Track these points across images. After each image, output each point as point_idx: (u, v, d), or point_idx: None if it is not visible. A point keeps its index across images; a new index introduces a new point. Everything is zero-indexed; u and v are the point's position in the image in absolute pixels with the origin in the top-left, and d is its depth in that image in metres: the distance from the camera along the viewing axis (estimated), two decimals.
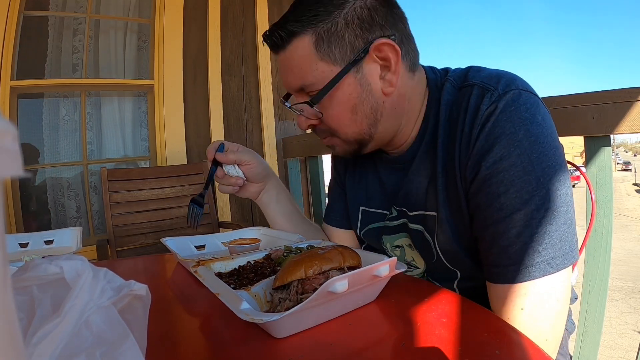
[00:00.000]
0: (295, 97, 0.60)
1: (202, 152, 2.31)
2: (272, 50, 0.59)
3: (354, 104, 0.56)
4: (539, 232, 0.47)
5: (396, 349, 0.37)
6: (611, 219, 0.93)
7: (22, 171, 0.12)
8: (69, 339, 0.26)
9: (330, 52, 0.53)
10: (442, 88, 0.58)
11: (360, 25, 0.53)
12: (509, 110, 0.49)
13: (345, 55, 0.54)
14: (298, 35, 0.54)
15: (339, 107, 0.56)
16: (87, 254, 1.84)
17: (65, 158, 2.17)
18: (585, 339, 0.98)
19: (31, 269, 0.29)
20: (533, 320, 0.48)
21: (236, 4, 2.42)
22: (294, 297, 0.43)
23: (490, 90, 0.51)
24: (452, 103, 0.56)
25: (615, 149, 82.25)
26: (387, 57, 0.54)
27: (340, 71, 0.54)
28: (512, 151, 0.48)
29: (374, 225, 0.71)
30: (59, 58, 2.12)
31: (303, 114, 0.61)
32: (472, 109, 0.52)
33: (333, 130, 0.60)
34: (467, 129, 0.51)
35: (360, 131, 0.58)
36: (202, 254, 0.79)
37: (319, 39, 0.53)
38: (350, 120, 0.57)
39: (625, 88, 0.87)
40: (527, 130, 0.48)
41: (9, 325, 0.13)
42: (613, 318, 5.17)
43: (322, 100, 0.56)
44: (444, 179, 0.56)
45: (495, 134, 0.49)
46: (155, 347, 0.36)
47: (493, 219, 0.49)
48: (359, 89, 0.55)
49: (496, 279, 0.50)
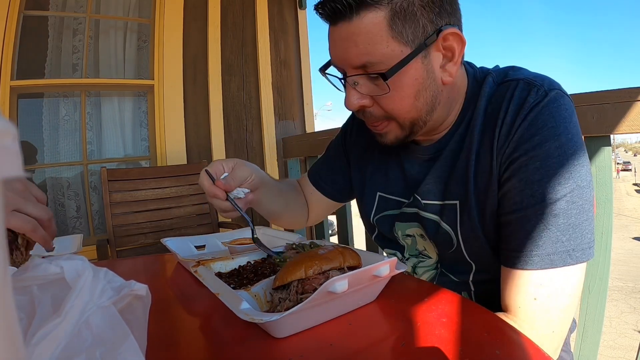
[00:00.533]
0: (350, 72, 0.56)
1: (202, 152, 2.31)
2: (328, 18, 0.53)
3: (418, 89, 0.54)
4: (565, 223, 0.49)
5: (396, 349, 0.37)
6: (611, 219, 0.93)
7: (22, 171, 0.12)
8: (69, 339, 0.26)
9: (405, 31, 0.51)
10: (483, 82, 0.59)
11: (432, 9, 0.51)
12: (552, 106, 0.51)
13: (417, 37, 0.52)
14: (372, 7, 0.50)
15: (403, 90, 0.54)
16: (87, 254, 1.83)
17: (65, 158, 2.17)
18: (585, 339, 0.98)
19: (31, 269, 0.29)
20: (544, 312, 0.49)
21: (236, 4, 2.42)
22: (294, 297, 0.43)
23: (536, 86, 0.53)
24: (491, 96, 0.58)
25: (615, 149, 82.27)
26: (452, 47, 0.54)
27: (411, 52, 0.52)
28: (552, 143, 0.50)
29: (389, 212, 0.71)
30: (59, 58, 2.12)
31: (358, 88, 0.56)
32: (517, 99, 0.53)
33: (390, 114, 0.57)
34: (510, 117, 0.53)
35: (419, 117, 0.57)
36: (202, 254, 0.79)
37: (394, 15, 0.50)
38: (412, 105, 0.56)
39: (625, 88, 0.87)
40: (566, 127, 0.50)
41: (9, 325, 0.13)
42: (613, 318, 5.17)
43: (391, 80, 0.53)
44: (476, 167, 0.57)
45: (538, 124, 0.51)
46: (155, 347, 0.36)
47: (524, 204, 0.51)
48: (424, 75, 0.54)
49: (515, 263, 0.51)
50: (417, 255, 0.69)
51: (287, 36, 2.60)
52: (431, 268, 0.68)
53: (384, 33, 0.50)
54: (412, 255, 0.70)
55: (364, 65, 0.53)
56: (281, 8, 2.59)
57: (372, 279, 0.44)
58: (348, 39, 0.52)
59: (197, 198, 2.06)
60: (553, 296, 0.49)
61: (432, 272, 0.68)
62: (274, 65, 2.52)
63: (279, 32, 2.57)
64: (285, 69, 2.58)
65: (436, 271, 0.67)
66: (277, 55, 2.55)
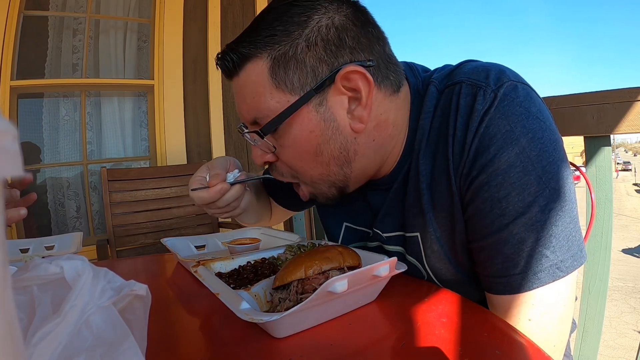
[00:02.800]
0: (249, 129, 0.52)
1: (202, 152, 2.31)
2: (225, 76, 0.51)
3: (317, 143, 0.48)
4: (545, 235, 0.43)
5: (396, 349, 0.37)
6: (611, 219, 0.93)
7: (22, 171, 0.12)
8: (69, 339, 0.26)
9: (287, 79, 0.46)
10: (424, 94, 0.52)
11: (324, 48, 0.45)
12: (503, 107, 0.44)
13: (306, 83, 0.46)
14: (251, 58, 0.47)
15: (299, 144, 0.48)
16: (87, 254, 1.83)
17: (65, 158, 2.17)
18: (585, 339, 0.98)
19: (31, 269, 0.29)
20: (541, 330, 0.45)
21: (236, 4, 2.42)
22: (294, 297, 0.44)
23: (481, 86, 0.46)
24: (435, 108, 0.51)
25: (615, 149, 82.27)
26: (357, 88, 0.47)
27: (298, 99, 0.46)
28: (510, 151, 0.43)
29: (356, 244, 0.67)
30: (59, 58, 2.13)
31: (258, 145, 0.52)
32: (464, 109, 0.46)
33: (294, 172, 0.52)
34: (460, 133, 0.46)
35: (329, 173, 0.51)
36: (202, 254, 0.79)
37: (274, 63, 0.46)
38: (315, 162, 0.50)
39: (625, 88, 0.87)
40: (524, 126, 0.44)
41: (9, 325, 0.13)
42: (613, 318, 5.17)
43: (280, 135, 0.48)
44: (430, 196, 0.51)
45: (490, 133, 0.44)
46: (155, 347, 0.36)
47: (495, 227, 0.45)
48: (322, 125, 0.47)
49: (501, 289, 0.47)
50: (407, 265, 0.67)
51: None
52: None
53: (266, 83, 0.47)
54: None
55: (255, 120, 0.49)
56: None
57: (372, 279, 0.44)
58: (238, 93, 0.50)
59: None
60: (548, 313, 0.45)
61: None
62: None
63: None
64: None
65: None
66: None
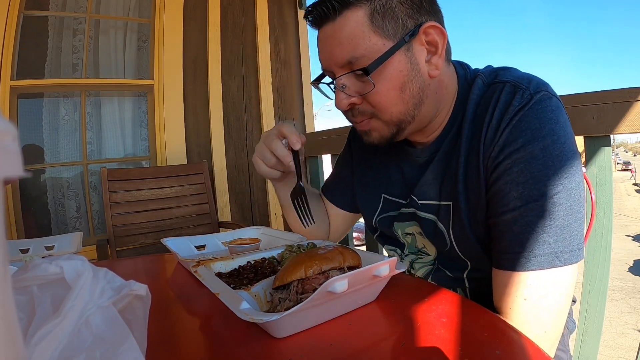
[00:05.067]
0: (337, 73, 0.58)
1: (202, 152, 2.31)
2: (316, 22, 0.57)
3: (403, 82, 0.56)
4: (551, 224, 0.49)
5: (396, 349, 0.37)
6: (611, 219, 0.93)
7: (22, 171, 0.12)
8: (69, 339, 0.26)
9: (385, 26, 0.54)
10: (472, 83, 0.60)
11: (411, 6, 0.55)
12: (537, 108, 0.51)
13: (397, 32, 0.54)
14: (351, 7, 0.53)
15: (388, 83, 0.56)
16: (87, 254, 1.83)
17: (65, 158, 2.17)
18: (585, 339, 0.98)
19: (31, 269, 0.29)
20: (535, 311, 0.49)
21: (236, 4, 2.42)
22: (294, 297, 0.44)
23: (522, 88, 0.53)
24: (480, 98, 0.59)
25: (615, 149, 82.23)
26: (434, 41, 0.56)
27: (393, 45, 0.54)
28: (536, 145, 0.50)
29: (390, 213, 0.72)
30: (59, 58, 2.12)
31: (345, 90, 0.58)
32: (503, 103, 0.54)
33: (377, 109, 0.58)
34: (495, 121, 0.54)
35: (406, 111, 0.58)
36: (202, 254, 0.79)
37: (374, 11, 0.53)
38: (398, 98, 0.57)
39: (625, 88, 0.87)
40: (552, 129, 0.50)
41: (9, 325, 0.13)
42: (613, 318, 5.17)
43: (376, 74, 0.55)
44: (465, 169, 0.58)
45: (522, 127, 0.51)
46: (155, 347, 0.36)
47: (510, 206, 0.51)
48: (408, 67, 0.56)
49: (504, 264, 0.52)
50: (416, 252, 0.71)
51: (287, 36, 2.60)
52: (428, 264, 0.70)
53: (365, 28, 0.53)
54: (411, 252, 0.72)
55: (349, 61, 0.55)
56: (281, 8, 2.59)
57: (372, 279, 0.44)
58: (333, 37, 0.55)
59: (197, 198, 2.06)
60: (543, 297, 0.49)
61: (428, 267, 0.70)
62: (274, 65, 2.51)
63: (279, 32, 2.57)
64: (285, 69, 2.58)
65: (432, 267, 0.69)
66: (277, 55, 2.55)
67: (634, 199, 23.21)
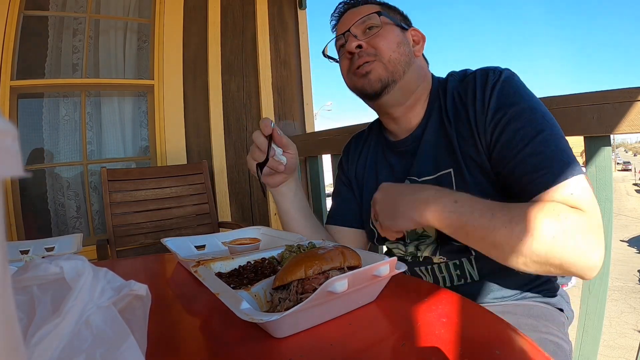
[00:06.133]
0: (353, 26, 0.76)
1: (202, 152, 2.31)
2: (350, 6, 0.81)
3: (399, 41, 0.76)
4: (556, 149, 0.59)
5: (396, 349, 0.37)
6: (611, 219, 0.93)
7: (22, 171, 0.12)
8: (69, 339, 0.26)
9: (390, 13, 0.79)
10: (446, 81, 0.76)
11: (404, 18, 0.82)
12: (508, 80, 0.67)
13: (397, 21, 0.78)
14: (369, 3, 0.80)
15: (390, 34, 0.75)
16: (87, 254, 1.83)
17: (65, 158, 2.17)
18: (585, 339, 0.98)
19: (31, 269, 0.29)
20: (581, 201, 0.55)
21: (236, 4, 2.42)
22: (294, 297, 0.43)
23: (491, 70, 0.69)
24: (456, 89, 0.73)
25: (615, 149, 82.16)
26: (418, 38, 0.80)
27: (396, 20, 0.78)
28: (520, 103, 0.63)
29: None
30: (59, 58, 2.12)
31: (357, 37, 0.76)
32: (480, 82, 0.68)
33: (379, 50, 0.74)
34: (480, 94, 0.67)
35: (399, 61, 0.74)
36: (202, 254, 0.79)
37: (382, 6, 0.80)
38: (395, 47, 0.75)
39: (625, 88, 0.87)
40: (525, 91, 0.66)
41: (9, 325, 0.13)
42: (613, 318, 5.17)
43: (388, 28, 0.76)
44: (458, 140, 0.69)
45: (504, 93, 0.65)
46: (155, 347, 0.36)
47: (519, 147, 0.61)
48: (402, 37, 0.77)
49: (545, 180, 0.57)
50: (418, 238, 0.75)
51: (287, 36, 2.61)
52: (432, 243, 0.73)
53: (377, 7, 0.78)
54: (412, 239, 0.76)
55: (363, 20, 0.76)
56: (281, 8, 2.59)
57: (372, 279, 0.44)
58: (354, 12, 0.79)
59: (197, 198, 2.06)
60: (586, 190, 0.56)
61: (433, 245, 0.73)
62: (274, 65, 2.52)
63: (279, 32, 2.57)
64: (285, 69, 2.58)
65: (437, 243, 0.72)
66: (277, 55, 2.55)
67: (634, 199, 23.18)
